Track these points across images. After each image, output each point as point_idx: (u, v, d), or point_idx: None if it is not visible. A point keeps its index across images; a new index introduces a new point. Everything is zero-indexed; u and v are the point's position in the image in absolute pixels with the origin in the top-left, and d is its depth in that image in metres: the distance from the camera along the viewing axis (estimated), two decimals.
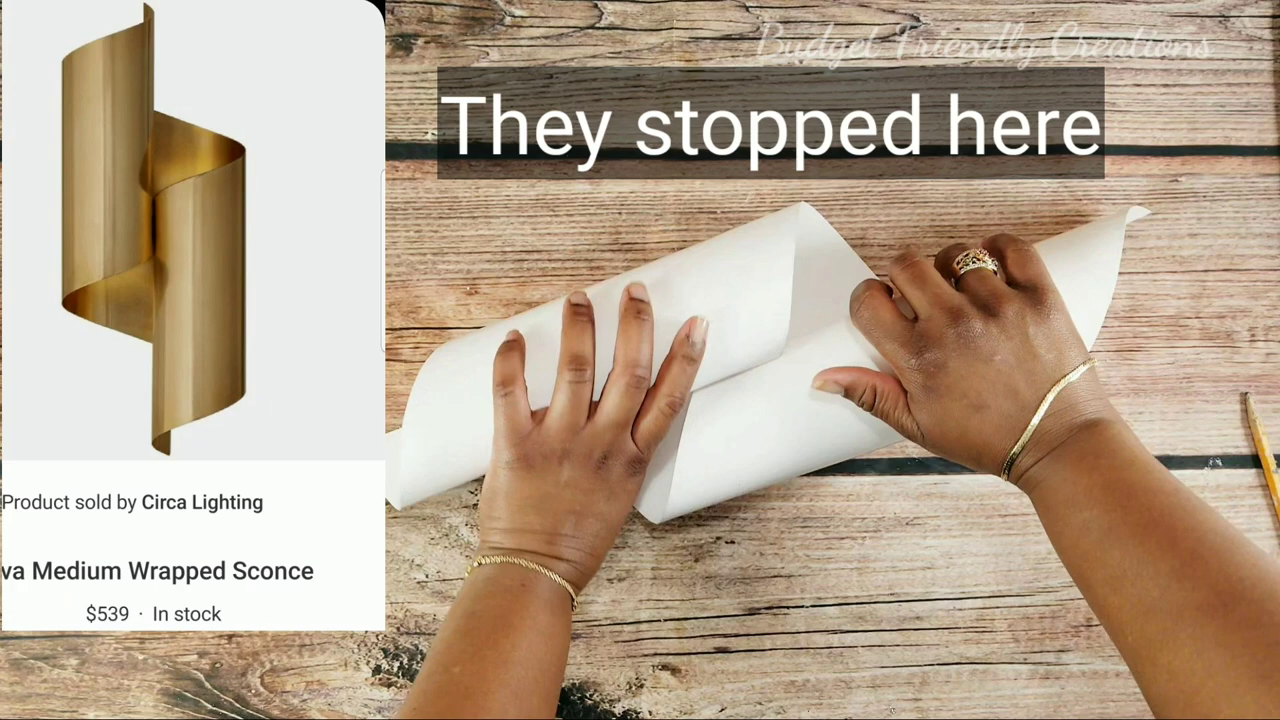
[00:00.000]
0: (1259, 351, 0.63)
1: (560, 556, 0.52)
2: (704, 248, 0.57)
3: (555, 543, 0.52)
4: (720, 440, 0.55)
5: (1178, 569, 0.40)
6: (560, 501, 0.52)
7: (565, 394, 0.53)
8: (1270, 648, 0.37)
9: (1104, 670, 0.60)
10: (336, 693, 0.59)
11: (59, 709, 0.59)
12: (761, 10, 0.64)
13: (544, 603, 0.51)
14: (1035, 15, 0.64)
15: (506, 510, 0.53)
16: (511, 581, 0.51)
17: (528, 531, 0.52)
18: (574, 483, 0.53)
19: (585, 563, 0.53)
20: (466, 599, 0.51)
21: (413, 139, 0.63)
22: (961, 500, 0.61)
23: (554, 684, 0.50)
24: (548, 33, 0.64)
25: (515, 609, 0.50)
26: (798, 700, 0.60)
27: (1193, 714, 0.37)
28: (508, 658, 0.48)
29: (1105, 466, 0.45)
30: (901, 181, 0.63)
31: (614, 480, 0.53)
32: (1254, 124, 0.64)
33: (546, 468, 0.53)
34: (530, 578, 0.51)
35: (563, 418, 0.53)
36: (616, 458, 0.53)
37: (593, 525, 0.53)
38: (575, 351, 0.53)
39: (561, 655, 0.51)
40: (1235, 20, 0.65)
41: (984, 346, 0.47)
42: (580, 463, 0.53)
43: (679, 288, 0.55)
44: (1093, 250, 0.55)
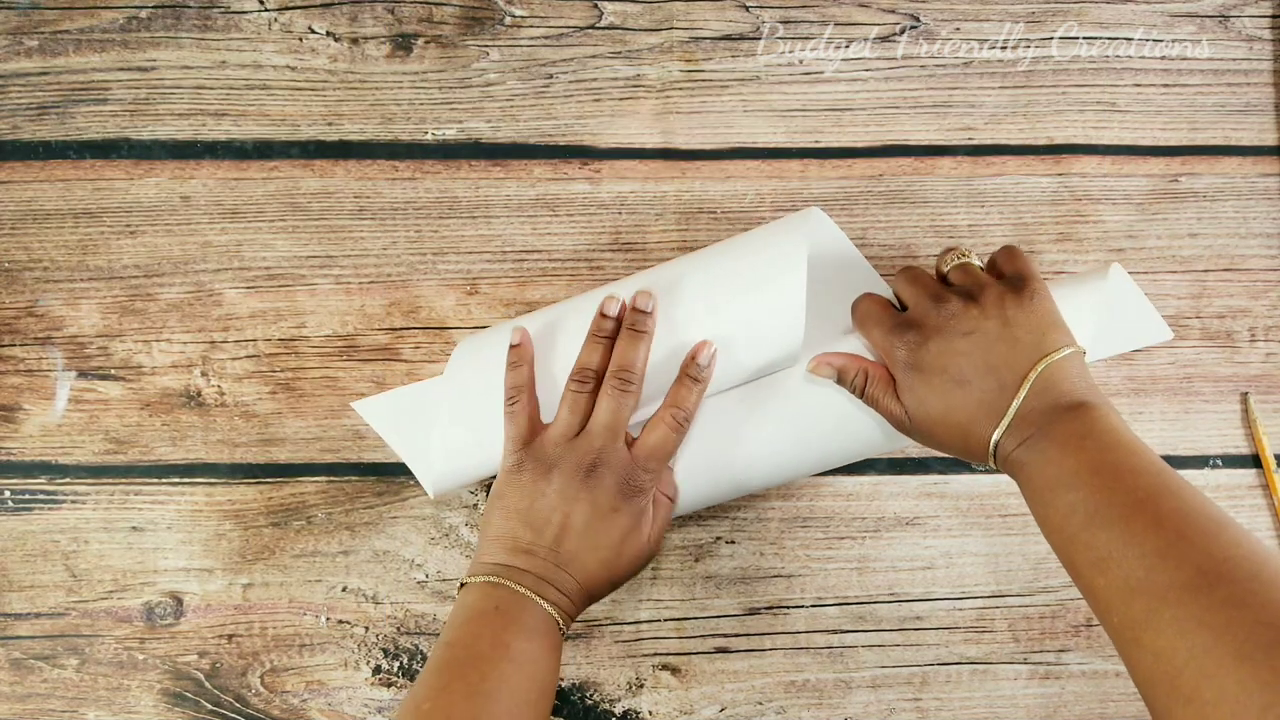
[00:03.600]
0: (1259, 351, 0.63)
1: (538, 574, 0.50)
2: (715, 251, 0.56)
3: (534, 554, 0.51)
4: (723, 440, 0.55)
5: (1162, 549, 0.40)
6: (544, 511, 0.51)
7: (567, 403, 0.53)
8: (1253, 627, 0.36)
9: (1104, 670, 0.60)
10: (336, 693, 0.59)
11: (59, 709, 0.59)
12: (761, 10, 0.64)
13: (521, 628, 0.48)
14: (1035, 15, 0.64)
15: (496, 518, 0.52)
16: (488, 606, 0.49)
17: (510, 540, 0.51)
18: (560, 492, 0.51)
19: (567, 584, 0.50)
20: (448, 627, 0.49)
21: (413, 139, 0.63)
22: (961, 500, 0.61)
23: (533, 713, 0.47)
24: (548, 33, 0.64)
25: (486, 636, 0.48)
26: (798, 700, 0.60)
27: (1177, 694, 0.37)
28: (476, 689, 0.45)
29: (1091, 448, 0.44)
30: (901, 181, 0.63)
31: (602, 494, 0.51)
32: (1254, 124, 0.64)
33: (538, 476, 0.52)
34: (507, 601, 0.49)
35: (561, 427, 0.53)
36: (608, 469, 0.51)
37: (574, 543, 0.51)
38: (584, 364, 0.53)
39: (543, 683, 0.48)
40: (1235, 20, 0.65)
41: (963, 325, 0.48)
42: (569, 471, 0.51)
43: (690, 294, 0.54)
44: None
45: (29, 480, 0.60)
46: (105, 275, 0.62)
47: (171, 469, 0.61)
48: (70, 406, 0.61)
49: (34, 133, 0.62)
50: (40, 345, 0.61)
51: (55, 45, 0.63)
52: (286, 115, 0.63)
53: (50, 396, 0.61)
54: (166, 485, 0.61)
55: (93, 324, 0.61)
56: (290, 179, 0.62)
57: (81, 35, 0.63)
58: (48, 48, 0.63)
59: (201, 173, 0.62)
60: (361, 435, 0.61)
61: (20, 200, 0.62)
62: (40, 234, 0.62)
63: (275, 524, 0.60)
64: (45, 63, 0.63)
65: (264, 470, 0.61)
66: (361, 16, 0.63)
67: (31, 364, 0.61)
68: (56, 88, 0.63)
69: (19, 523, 0.60)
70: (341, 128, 0.63)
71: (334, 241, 0.62)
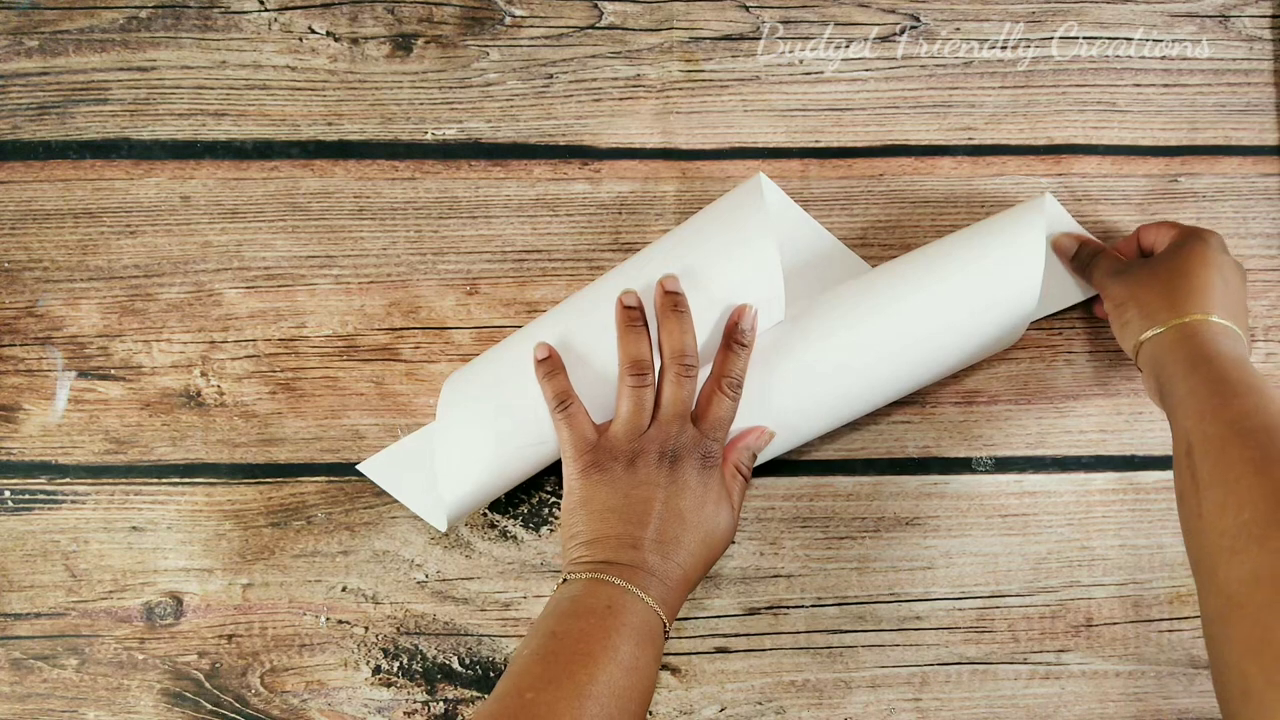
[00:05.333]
0: (1259, 352, 0.63)
1: (647, 568, 0.50)
2: (680, 231, 0.57)
3: (640, 547, 0.51)
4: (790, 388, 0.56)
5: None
6: (638, 502, 0.51)
7: (629, 399, 0.53)
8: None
9: (1104, 670, 0.60)
10: (336, 693, 0.59)
11: (59, 709, 0.59)
12: (761, 10, 0.64)
13: (630, 630, 0.48)
14: (1035, 15, 0.64)
15: (586, 520, 0.52)
16: (597, 603, 0.49)
17: (610, 538, 0.51)
18: (649, 481, 0.52)
19: (673, 574, 0.51)
20: (550, 617, 0.49)
21: (413, 139, 0.63)
22: (961, 500, 0.61)
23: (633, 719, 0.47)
24: (548, 33, 0.64)
25: (598, 636, 0.47)
26: (798, 700, 0.60)
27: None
28: (584, 690, 0.45)
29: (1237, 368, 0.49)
30: (901, 181, 0.63)
31: (690, 478, 0.52)
32: (1254, 124, 0.64)
33: (619, 471, 0.52)
34: (618, 599, 0.49)
35: (628, 421, 0.53)
36: (688, 454, 0.53)
37: (675, 527, 0.51)
38: (635, 357, 0.53)
39: (645, 690, 0.48)
40: (1235, 20, 0.65)
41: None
42: (652, 461, 0.52)
43: (670, 268, 0.55)
44: (1014, 237, 0.56)
45: (29, 480, 0.60)
46: (105, 275, 0.62)
47: (171, 469, 0.61)
48: (70, 406, 0.61)
49: (34, 133, 0.62)
50: (40, 345, 0.61)
51: (55, 45, 0.63)
52: (286, 115, 0.63)
53: (50, 396, 0.61)
54: (166, 485, 0.61)
55: (93, 324, 0.61)
56: (290, 179, 0.62)
57: (81, 35, 0.63)
58: (48, 48, 0.63)
59: (201, 173, 0.62)
60: (361, 435, 0.61)
61: (20, 200, 0.62)
62: (40, 234, 0.62)
63: (275, 524, 0.60)
64: (45, 63, 0.63)
65: (264, 470, 0.61)
66: (361, 16, 0.63)
67: (31, 364, 0.61)
68: (56, 88, 0.63)
69: (19, 523, 0.60)
70: (341, 128, 0.63)
71: (334, 241, 0.62)
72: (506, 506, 0.61)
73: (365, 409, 0.61)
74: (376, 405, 0.61)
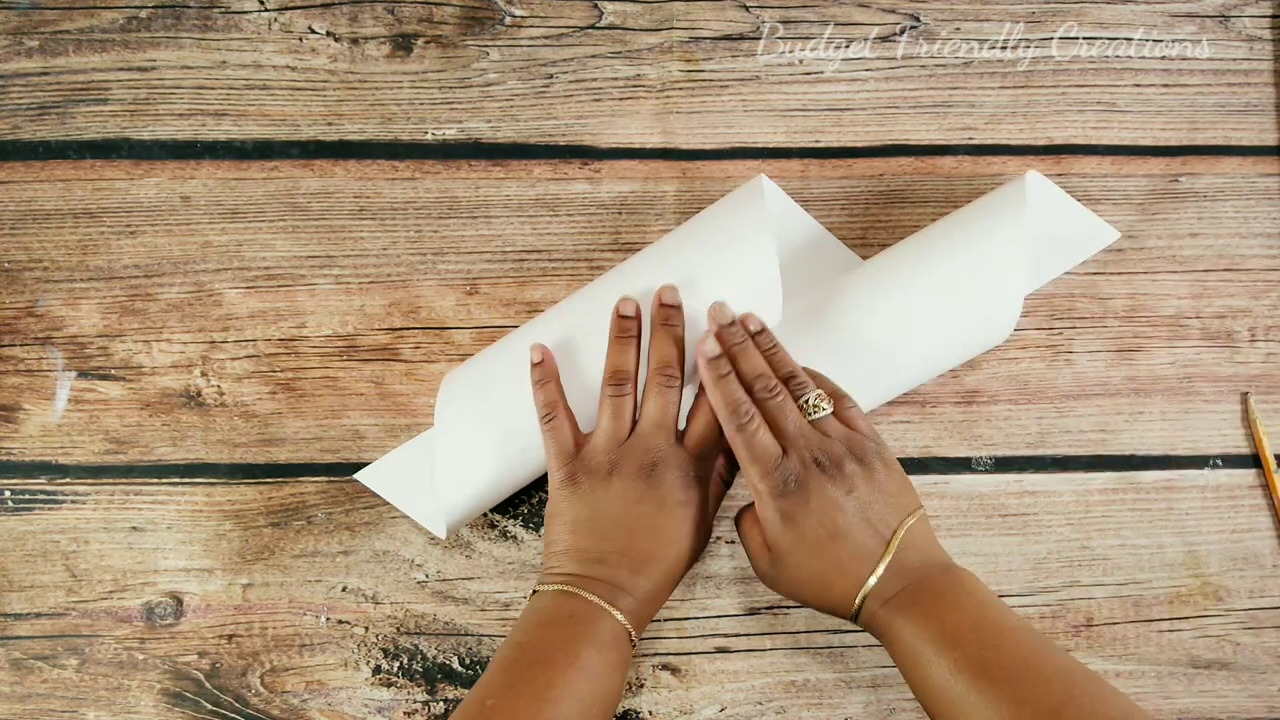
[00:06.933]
0: (1259, 351, 0.63)
1: (614, 582, 0.50)
2: (680, 232, 0.57)
3: (607, 562, 0.51)
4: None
5: (1055, 709, 0.43)
6: (609, 517, 0.51)
7: (607, 409, 0.53)
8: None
9: (1104, 670, 0.60)
10: (336, 693, 0.59)
11: (59, 709, 0.59)
12: (761, 10, 0.64)
13: (593, 637, 0.48)
14: (1035, 15, 0.64)
15: (561, 532, 0.52)
16: (561, 613, 0.49)
17: (580, 551, 0.51)
18: (623, 495, 0.51)
19: (641, 587, 0.51)
20: (518, 629, 0.50)
21: (413, 139, 0.63)
22: (961, 500, 0.61)
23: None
24: (548, 33, 0.64)
25: (559, 644, 0.48)
26: (798, 700, 0.60)
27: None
28: (543, 695, 0.46)
29: (969, 605, 0.47)
30: (901, 181, 0.63)
31: (666, 490, 0.52)
32: (1254, 124, 0.64)
33: (595, 484, 0.52)
34: (581, 610, 0.49)
35: (606, 432, 0.53)
36: (666, 466, 0.52)
37: (647, 541, 0.51)
38: (616, 367, 0.53)
39: (608, 695, 0.48)
40: (1235, 20, 0.65)
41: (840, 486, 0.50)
42: (628, 474, 0.52)
43: (674, 277, 0.55)
44: (997, 223, 0.56)
45: (29, 480, 0.60)
46: (105, 275, 0.62)
47: (171, 469, 0.61)
48: (70, 406, 0.61)
49: (34, 133, 0.62)
50: (40, 345, 0.61)
51: (55, 45, 0.63)
52: (286, 115, 0.63)
53: (50, 396, 0.61)
54: (166, 485, 0.61)
55: (93, 324, 0.61)
56: (290, 179, 0.62)
57: (81, 35, 0.63)
58: (48, 48, 0.63)
59: (201, 173, 0.62)
60: (361, 435, 0.61)
61: (20, 200, 0.62)
62: (40, 234, 0.62)
63: (275, 524, 0.60)
64: (45, 63, 0.63)
65: (264, 470, 0.61)
66: (361, 16, 0.63)
67: (31, 364, 0.61)
68: (56, 88, 0.63)
69: (19, 523, 0.60)
70: (341, 128, 0.63)
71: (334, 241, 0.62)
72: (506, 506, 0.61)
73: (365, 409, 0.61)
74: (376, 405, 0.61)
